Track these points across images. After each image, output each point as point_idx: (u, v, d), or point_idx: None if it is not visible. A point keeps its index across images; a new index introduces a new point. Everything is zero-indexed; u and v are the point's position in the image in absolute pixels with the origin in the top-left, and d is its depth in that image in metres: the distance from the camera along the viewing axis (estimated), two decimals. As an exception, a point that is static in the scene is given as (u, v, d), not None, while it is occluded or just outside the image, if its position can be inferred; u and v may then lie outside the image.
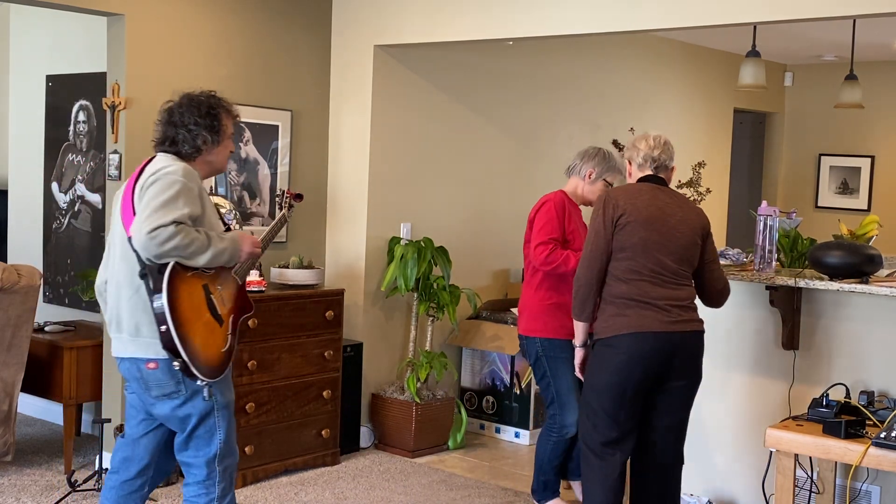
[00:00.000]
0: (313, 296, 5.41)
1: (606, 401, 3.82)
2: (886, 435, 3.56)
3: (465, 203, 6.42)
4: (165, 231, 3.31)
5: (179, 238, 3.33)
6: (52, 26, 6.20)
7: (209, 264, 3.48)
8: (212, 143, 3.62)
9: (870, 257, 3.94)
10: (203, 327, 3.49)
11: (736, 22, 4.62)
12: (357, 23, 5.89)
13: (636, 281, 3.77)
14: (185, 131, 3.59)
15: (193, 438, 3.59)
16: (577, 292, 3.87)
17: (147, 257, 3.38)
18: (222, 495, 3.63)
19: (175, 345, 3.39)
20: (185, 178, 3.44)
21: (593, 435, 3.89)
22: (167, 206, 3.35)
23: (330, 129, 6.05)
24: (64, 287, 6.18)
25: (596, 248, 3.82)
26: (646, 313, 3.75)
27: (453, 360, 6.35)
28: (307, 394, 5.41)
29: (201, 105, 3.61)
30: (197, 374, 3.45)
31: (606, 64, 7.35)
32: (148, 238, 3.31)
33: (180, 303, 3.41)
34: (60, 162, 6.19)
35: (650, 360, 3.77)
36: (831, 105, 7.48)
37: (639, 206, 3.82)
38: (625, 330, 3.76)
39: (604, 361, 3.83)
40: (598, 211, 3.87)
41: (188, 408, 3.54)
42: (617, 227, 3.80)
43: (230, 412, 3.64)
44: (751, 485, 4.35)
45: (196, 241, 3.39)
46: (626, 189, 3.93)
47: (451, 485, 5.33)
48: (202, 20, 5.38)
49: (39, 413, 6.26)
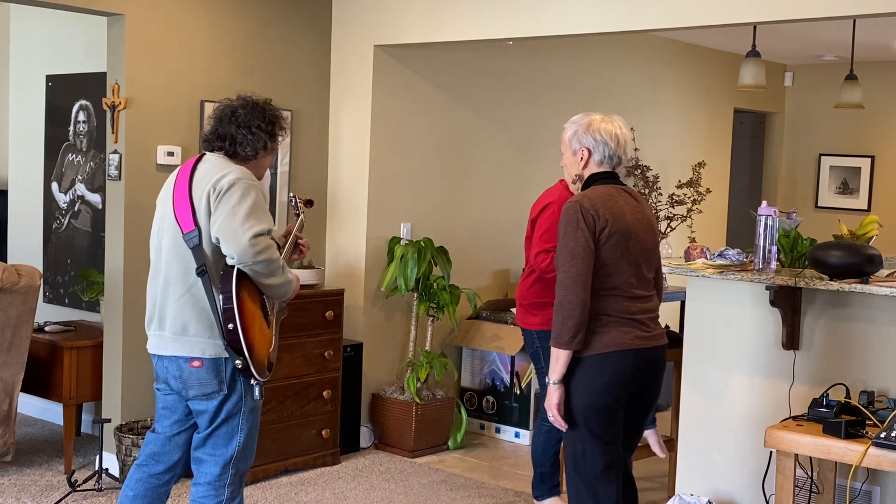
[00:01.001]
0: (313, 296, 5.41)
1: (595, 424, 3.48)
2: (886, 435, 3.56)
3: (465, 203, 6.43)
4: (264, 240, 3.41)
5: (273, 250, 3.45)
6: (52, 26, 6.20)
7: (278, 290, 3.55)
8: (267, 150, 3.68)
9: (870, 257, 3.94)
10: (259, 328, 3.52)
11: (736, 22, 4.62)
12: (357, 23, 5.89)
13: (616, 297, 3.47)
14: (248, 133, 3.61)
15: (213, 436, 3.60)
16: (570, 319, 3.39)
17: (239, 263, 3.42)
18: (231, 498, 3.62)
19: (241, 344, 3.42)
20: (254, 182, 3.52)
21: (584, 463, 3.51)
22: (256, 212, 3.44)
23: (330, 129, 6.05)
24: (64, 287, 6.18)
25: (586, 266, 3.41)
26: (626, 329, 3.47)
27: (453, 360, 6.35)
28: (307, 394, 5.41)
29: (266, 111, 3.67)
30: (255, 374, 3.49)
31: (606, 64, 7.35)
32: (249, 244, 3.38)
33: (245, 303, 3.45)
34: (60, 162, 6.19)
35: (633, 377, 3.51)
36: (831, 105, 7.48)
37: (617, 216, 3.47)
38: (609, 348, 3.45)
39: (587, 382, 3.46)
40: (574, 223, 3.43)
41: (221, 407, 3.56)
42: (600, 241, 3.43)
43: (255, 418, 3.66)
44: (751, 485, 4.35)
45: (279, 260, 3.50)
46: (599, 196, 3.50)
47: (451, 485, 5.33)
48: (202, 20, 5.38)
49: (39, 413, 6.26)
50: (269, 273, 3.47)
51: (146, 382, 5.30)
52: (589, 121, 3.61)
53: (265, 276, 3.47)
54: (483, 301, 6.39)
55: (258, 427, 3.70)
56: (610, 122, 3.61)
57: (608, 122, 3.61)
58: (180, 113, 5.31)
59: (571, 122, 3.67)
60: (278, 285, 3.54)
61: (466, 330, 6.33)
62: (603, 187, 3.55)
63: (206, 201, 3.47)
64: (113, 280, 5.21)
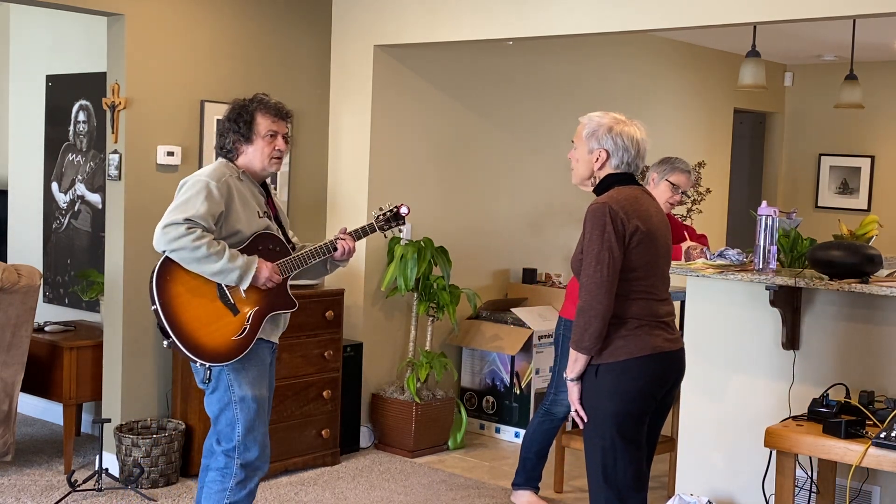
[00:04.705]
0: (313, 296, 5.41)
1: (629, 430, 3.39)
2: (886, 435, 3.55)
3: (465, 203, 6.42)
4: (177, 229, 3.55)
5: (189, 238, 3.54)
6: (52, 26, 6.20)
7: (216, 277, 3.64)
8: (241, 142, 3.81)
9: (870, 257, 3.93)
10: (203, 311, 3.64)
11: (736, 22, 4.62)
12: (357, 23, 5.89)
13: (646, 300, 3.41)
14: (219, 134, 3.86)
15: (218, 429, 3.77)
16: (591, 325, 3.32)
17: (160, 251, 3.61)
18: (237, 487, 3.75)
19: (164, 324, 3.61)
20: (210, 178, 3.66)
21: (615, 472, 3.40)
22: (185, 204, 3.60)
23: (330, 129, 6.05)
24: (64, 287, 6.18)
25: (613, 271, 3.31)
26: (656, 332, 3.40)
27: (453, 360, 6.35)
28: (307, 394, 5.41)
29: (236, 107, 3.84)
30: (190, 356, 3.64)
31: (606, 64, 7.35)
32: (161, 233, 3.58)
33: (175, 285, 3.63)
34: (60, 162, 6.19)
35: (663, 380, 3.45)
36: (831, 105, 7.48)
37: (644, 218, 3.39)
38: (643, 352, 3.37)
39: (618, 388, 3.37)
40: (602, 226, 3.33)
41: (212, 398, 3.75)
42: (630, 245, 3.35)
43: (255, 407, 3.75)
44: (751, 485, 4.35)
45: (206, 248, 3.56)
46: (627, 198, 3.41)
47: (451, 485, 5.33)
48: (202, 20, 5.38)
49: (39, 413, 6.26)
50: (192, 260, 3.59)
51: (146, 382, 5.30)
52: (611, 122, 3.49)
53: (191, 263, 3.60)
54: (483, 301, 6.39)
55: (263, 420, 3.80)
56: (633, 127, 3.51)
57: (631, 126, 3.51)
58: (180, 113, 5.31)
59: (590, 118, 3.54)
60: (218, 271, 3.61)
61: (466, 330, 6.33)
62: (627, 189, 3.45)
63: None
64: (113, 280, 5.21)
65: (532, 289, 6.62)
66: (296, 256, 3.85)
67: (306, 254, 3.88)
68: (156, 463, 5.01)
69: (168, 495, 4.96)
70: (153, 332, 5.24)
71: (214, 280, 3.65)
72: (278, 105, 3.85)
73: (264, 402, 3.80)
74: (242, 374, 3.72)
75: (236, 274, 3.63)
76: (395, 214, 4.08)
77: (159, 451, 5.02)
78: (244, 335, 3.69)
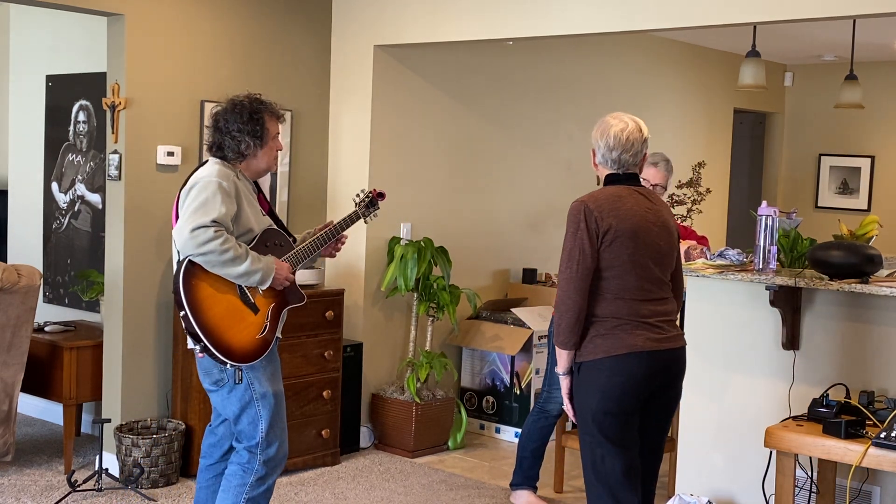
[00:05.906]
0: (313, 296, 5.41)
1: (609, 428, 3.44)
2: (886, 435, 3.56)
3: (465, 203, 6.42)
4: (206, 233, 3.52)
5: (218, 242, 3.53)
6: (52, 26, 6.20)
7: (239, 279, 3.64)
8: (255, 146, 3.78)
9: (870, 257, 3.94)
10: (227, 313, 3.64)
11: (736, 22, 4.62)
12: (357, 23, 5.89)
13: (626, 300, 3.42)
14: (229, 138, 3.76)
15: (239, 428, 3.78)
16: (564, 319, 3.40)
17: (187, 255, 3.58)
18: (256, 483, 3.80)
19: (194, 328, 3.58)
20: (220, 178, 3.64)
21: (603, 468, 3.46)
22: (205, 206, 3.57)
23: (330, 129, 6.05)
24: (64, 287, 6.18)
25: (584, 268, 3.38)
26: (637, 332, 3.42)
27: (453, 360, 6.34)
28: (307, 394, 5.41)
29: (244, 110, 3.77)
30: (221, 358, 3.62)
31: (606, 64, 7.35)
32: (190, 237, 3.53)
33: (200, 289, 3.60)
34: (60, 162, 6.19)
35: (646, 379, 3.45)
36: (831, 105, 7.48)
37: (622, 217, 3.41)
38: (619, 350, 3.40)
39: (599, 386, 3.43)
40: (576, 224, 3.41)
41: (232, 397, 3.74)
42: (603, 244, 3.39)
43: (274, 403, 3.78)
44: (751, 485, 4.35)
45: (233, 251, 3.57)
46: (605, 197, 3.46)
47: (451, 485, 5.33)
48: (202, 20, 5.38)
49: (39, 413, 6.26)
50: (219, 263, 3.57)
51: (146, 382, 5.30)
52: (598, 126, 3.58)
53: (217, 266, 3.58)
54: (483, 301, 6.39)
55: (282, 414, 3.83)
56: (615, 120, 3.55)
57: (614, 119, 3.56)
58: (180, 113, 5.31)
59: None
60: (243, 273, 3.62)
61: (466, 330, 6.33)
62: (613, 188, 3.51)
63: (178, 206, 3.71)
64: (113, 280, 5.21)
65: (532, 289, 6.62)
66: (301, 249, 3.93)
67: (309, 245, 3.95)
68: (156, 463, 5.01)
69: (168, 495, 4.96)
70: (153, 332, 5.24)
71: (237, 282, 3.67)
72: (275, 105, 3.90)
73: (282, 396, 3.85)
74: (261, 371, 3.76)
75: (259, 275, 3.66)
76: (371, 201, 4.26)
77: (159, 451, 5.02)
78: (266, 333, 3.74)
